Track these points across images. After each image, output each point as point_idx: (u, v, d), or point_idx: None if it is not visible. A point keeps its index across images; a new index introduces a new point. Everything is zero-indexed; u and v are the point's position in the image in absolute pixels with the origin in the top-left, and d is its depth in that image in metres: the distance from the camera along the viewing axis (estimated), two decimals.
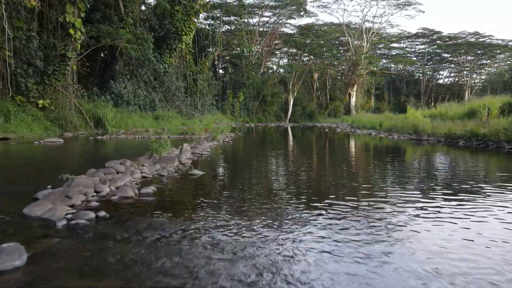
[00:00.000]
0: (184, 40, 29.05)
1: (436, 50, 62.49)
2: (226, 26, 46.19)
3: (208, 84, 36.67)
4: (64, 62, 15.65)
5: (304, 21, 78.23)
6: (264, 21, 47.69)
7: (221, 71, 47.83)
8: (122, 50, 26.32)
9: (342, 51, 51.08)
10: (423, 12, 47.98)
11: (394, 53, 62.88)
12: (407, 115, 18.88)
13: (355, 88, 48.33)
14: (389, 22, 48.82)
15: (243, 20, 44.71)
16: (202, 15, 38.58)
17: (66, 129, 15.50)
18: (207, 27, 42.41)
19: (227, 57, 44.92)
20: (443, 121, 16.21)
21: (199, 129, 13.53)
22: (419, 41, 61.47)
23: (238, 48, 44.56)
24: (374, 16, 47.80)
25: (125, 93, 22.37)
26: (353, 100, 48.45)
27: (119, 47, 20.95)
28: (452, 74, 64.50)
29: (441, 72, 65.72)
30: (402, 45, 63.17)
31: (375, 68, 52.56)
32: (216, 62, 41.90)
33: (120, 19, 24.56)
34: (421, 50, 63.77)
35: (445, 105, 23.54)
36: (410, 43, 62.93)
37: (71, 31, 15.37)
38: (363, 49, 46.89)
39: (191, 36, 29.97)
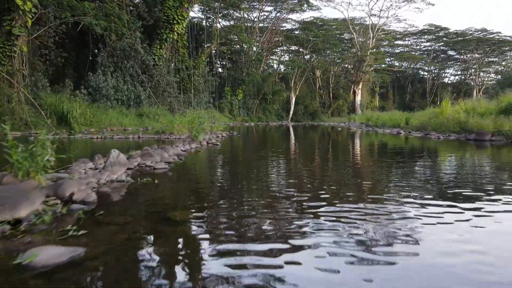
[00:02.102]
0: (176, 29, 25.24)
1: (442, 48, 58.77)
2: (224, 22, 42.44)
3: (204, 80, 32.84)
4: (9, 41, 11.88)
5: (307, 15, 74.40)
6: (264, 15, 43.96)
7: (220, 69, 44.03)
8: (106, 38, 22.61)
9: (346, 48, 47.22)
10: (433, 5, 44.08)
11: (398, 51, 59.16)
12: (440, 110, 15.08)
13: (360, 86, 44.56)
14: (397, 16, 44.87)
15: (242, 14, 40.90)
16: (197, 6, 34.80)
17: (14, 127, 11.70)
18: (203, 21, 38.67)
19: (226, 53, 41.08)
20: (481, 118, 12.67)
21: (179, 126, 9.75)
22: (425, 38, 57.72)
23: (238, 46, 40.74)
24: (381, 10, 43.95)
25: (104, 87, 18.57)
26: (358, 98, 44.66)
27: (82, 24, 16.80)
28: (459, 72, 60.70)
29: (447, 70, 61.91)
30: (407, 42, 59.47)
31: (383, 65, 48.68)
32: (213, 58, 37.99)
33: None
34: (426, 48, 60.04)
35: (471, 100, 19.92)
36: (415, 40, 59.20)
37: (19, 2, 11.58)
38: (368, 45, 43.09)
39: (184, 26, 26.17)
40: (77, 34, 25.77)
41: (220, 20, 40.37)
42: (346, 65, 53.26)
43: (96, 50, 23.53)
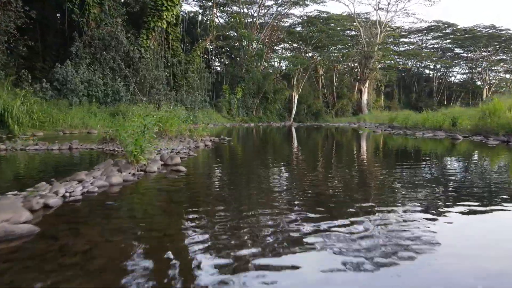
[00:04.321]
0: (165, 17, 21.57)
1: (449, 45, 54.95)
2: (222, 20, 38.69)
3: (200, 77, 29.16)
4: None
5: (310, 9, 70.38)
6: (265, 10, 40.17)
7: (217, 66, 40.34)
8: (83, 26, 18.98)
9: (351, 44, 43.39)
10: None
11: (402, 49, 55.33)
12: (493, 108, 11.42)
13: (367, 84, 40.79)
14: (405, 10, 41.11)
15: (241, 9, 37.14)
16: None
17: None
18: (199, 15, 34.98)
19: (223, 48, 37.37)
20: None
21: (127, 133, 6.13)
22: (431, 36, 53.87)
23: (237, 43, 36.97)
24: (389, 3, 40.18)
25: (71, 80, 14.94)
26: (365, 97, 40.95)
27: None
28: (466, 71, 56.87)
29: (454, 69, 58.10)
30: (412, 40, 55.62)
31: (391, 61, 44.88)
32: (209, 53, 34.24)
33: None
34: (432, 46, 56.23)
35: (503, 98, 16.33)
36: (421, 37, 55.36)
37: None
38: (376, 40, 39.36)
39: (174, 13, 22.48)
40: (49, 20, 22.18)
41: (217, 14, 36.69)
42: (350, 64, 49.52)
43: (63, 36, 19.87)
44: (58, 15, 21.34)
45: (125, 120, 9.55)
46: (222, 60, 40.56)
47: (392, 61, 45.50)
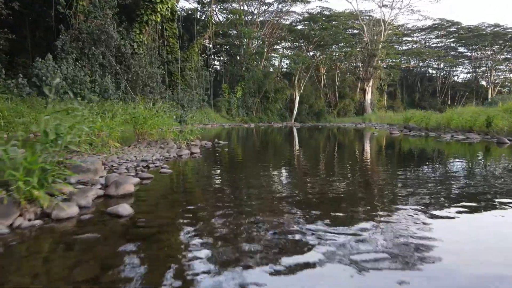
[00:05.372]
0: (159, 10, 19.93)
1: (453, 44, 53.23)
2: (221, 16, 36.99)
3: (198, 75, 27.52)
4: None
5: (312, 5, 68.42)
6: (266, 7, 38.47)
7: (216, 64, 38.68)
8: (71, 19, 17.35)
9: (354, 43, 41.68)
10: None
11: (405, 47, 53.58)
12: None
13: (370, 83, 39.12)
14: (410, 6, 39.40)
15: (240, 6, 35.44)
16: None
17: None
18: (198, 12, 33.34)
19: (223, 45, 35.70)
20: None
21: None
22: (434, 34, 52.15)
23: (237, 41, 35.28)
24: (393, 0, 38.49)
25: (50, 76, 13.31)
26: (368, 97, 39.28)
27: None
28: (471, 70, 55.18)
29: (457, 68, 56.41)
30: (415, 39, 53.90)
31: (394, 60, 43.23)
32: (207, 50, 32.59)
33: None
34: (435, 45, 54.52)
35: None
36: (424, 36, 53.66)
37: None
38: (380, 38, 37.72)
39: (169, 6, 20.82)
40: (38, 16, 20.59)
41: (216, 11, 35.03)
42: (353, 63, 47.86)
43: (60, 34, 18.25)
44: (45, 7, 19.69)
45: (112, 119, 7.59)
46: (221, 58, 38.90)
47: (397, 60, 43.78)
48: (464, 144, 9.24)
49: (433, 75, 56.29)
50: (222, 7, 35.69)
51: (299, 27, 41.23)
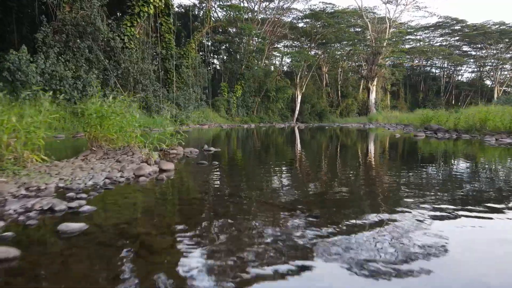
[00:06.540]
0: (152, 0, 18.13)
1: (457, 43, 51.40)
2: (220, 13, 35.13)
3: (195, 73, 25.75)
4: None
5: (315, 1, 66.36)
6: (266, 3, 36.61)
7: (215, 61, 36.89)
8: (54, 9, 15.58)
9: (357, 40, 39.86)
10: None
11: (409, 46, 51.73)
12: None
13: (375, 82, 37.35)
14: (416, 2, 37.55)
15: (240, 2, 33.63)
16: None
17: None
18: (196, 9, 31.59)
19: (222, 42, 33.89)
20: None
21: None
22: (438, 33, 50.29)
23: (237, 38, 33.46)
24: None
25: (24, 70, 11.56)
26: (372, 96, 37.52)
27: None
28: (475, 70, 53.39)
29: (461, 68, 54.60)
30: (418, 37, 52.03)
31: (399, 57, 41.44)
32: (205, 47, 30.77)
33: None
34: (439, 43, 52.64)
35: None
36: (427, 35, 51.77)
37: None
38: (384, 35, 35.95)
39: None
40: (25, 10, 18.82)
41: (215, 6, 33.21)
42: (355, 62, 46.10)
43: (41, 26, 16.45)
44: None
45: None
46: (220, 56, 37.10)
47: (402, 57, 42.01)
48: None
49: (437, 74, 54.50)
50: (221, 3, 33.90)
51: (301, 24, 39.45)
